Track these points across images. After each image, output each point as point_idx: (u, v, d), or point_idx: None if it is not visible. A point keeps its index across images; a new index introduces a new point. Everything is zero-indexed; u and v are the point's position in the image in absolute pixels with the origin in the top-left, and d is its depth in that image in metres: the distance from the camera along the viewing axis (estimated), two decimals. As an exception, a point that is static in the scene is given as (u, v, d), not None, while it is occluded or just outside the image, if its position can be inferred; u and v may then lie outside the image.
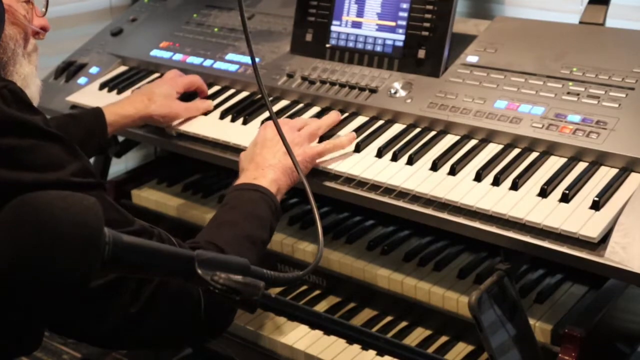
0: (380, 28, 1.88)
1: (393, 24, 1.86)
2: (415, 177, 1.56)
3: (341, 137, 1.69)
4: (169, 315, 1.25)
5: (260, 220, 1.47)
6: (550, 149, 1.57)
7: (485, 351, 1.42)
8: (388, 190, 1.57)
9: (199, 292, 1.28)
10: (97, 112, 1.84)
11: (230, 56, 2.11)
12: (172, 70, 2.04)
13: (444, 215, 1.48)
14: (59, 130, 1.71)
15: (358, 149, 1.68)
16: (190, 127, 1.90)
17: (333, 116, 1.76)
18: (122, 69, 2.26)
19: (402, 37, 1.85)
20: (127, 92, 2.10)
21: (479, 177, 1.53)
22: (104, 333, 1.22)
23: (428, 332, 1.72)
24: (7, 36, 1.28)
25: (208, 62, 2.11)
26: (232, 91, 2.02)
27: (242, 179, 1.56)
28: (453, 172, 1.55)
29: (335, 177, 1.64)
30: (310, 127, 1.69)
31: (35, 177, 1.14)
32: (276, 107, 1.90)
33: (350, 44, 1.92)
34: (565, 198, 1.43)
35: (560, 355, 1.45)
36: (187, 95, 1.99)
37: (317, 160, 1.66)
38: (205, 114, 1.94)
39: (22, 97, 1.18)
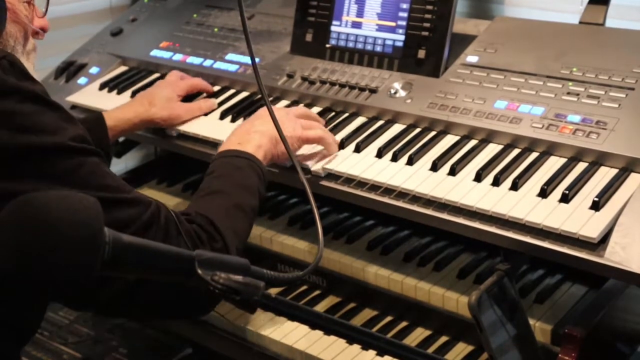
0: (380, 28, 1.88)
1: (393, 24, 1.86)
2: (415, 178, 1.56)
3: (331, 137, 1.69)
4: (168, 283, 1.25)
5: (248, 188, 1.48)
6: (550, 149, 1.57)
7: (485, 351, 1.42)
8: (388, 191, 1.57)
9: None
10: (98, 118, 1.83)
11: (230, 56, 2.11)
12: (174, 72, 2.03)
13: (444, 216, 1.48)
14: None
15: (358, 149, 1.68)
16: (191, 127, 1.90)
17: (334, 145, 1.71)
18: (122, 69, 2.26)
19: (402, 37, 1.85)
20: (127, 92, 2.11)
21: (479, 178, 1.53)
22: (103, 301, 1.23)
23: (428, 332, 1.72)
24: (7, 33, 1.30)
25: (208, 62, 2.11)
26: (232, 91, 2.02)
27: (227, 144, 1.57)
28: (453, 172, 1.55)
29: (335, 177, 1.64)
30: (312, 122, 1.69)
31: (35, 140, 1.15)
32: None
33: (350, 44, 1.92)
34: (565, 198, 1.43)
35: (560, 355, 1.45)
36: (191, 96, 1.99)
37: (316, 165, 1.65)
38: (206, 114, 1.94)
39: (21, 68, 1.20)
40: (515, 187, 1.48)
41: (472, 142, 1.65)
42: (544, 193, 1.45)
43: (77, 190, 1.16)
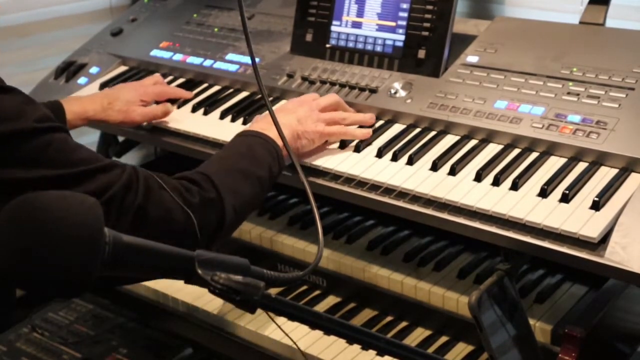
0: (380, 28, 1.88)
1: (393, 24, 1.86)
2: (415, 177, 1.56)
3: (357, 129, 1.70)
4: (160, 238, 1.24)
5: (257, 159, 1.48)
6: (550, 149, 1.57)
7: (485, 351, 1.42)
8: (388, 190, 1.57)
9: (191, 224, 1.29)
10: (57, 107, 1.81)
11: (230, 56, 2.11)
12: (155, 75, 2.04)
13: (444, 216, 1.48)
14: None
15: (358, 149, 1.68)
16: (190, 127, 1.90)
17: (367, 117, 1.75)
18: (122, 69, 2.26)
19: (402, 37, 1.85)
20: (127, 92, 2.11)
21: (479, 177, 1.53)
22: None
23: (428, 332, 1.72)
24: None
25: (208, 62, 2.11)
26: (231, 91, 2.02)
27: (250, 127, 1.58)
28: (453, 172, 1.55)
29: (335, 177, 1.64)
30: (335, 114, 1.70)
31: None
32: (276, 107, 1.90)
33: (350, 44, 1.92)
34: (565, 198, 1.43)
35: (560, 355, 1.45)
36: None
37: (320, 163, 1.65)
38: (206, 114, 1.94)
39: None
40: (515, 187, 1.48)
41: (472, 142, 1.65)
42: (544, 193, 1.45)
43: (51, 169, 1.17)
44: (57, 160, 1.20)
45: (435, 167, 1.58)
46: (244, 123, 1.86)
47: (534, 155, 1.57)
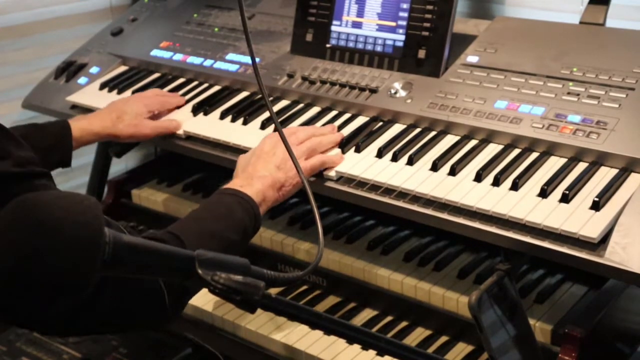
0: (381, 28, 1.88)
1: (393, 24, 1.86)
2: (416, 178, 1.56)
3: (334, 156, 1.67)
4: (127, 296, 1.20)
5: (232, 222, 1.44)
6: (550, 149, 1.57)
7: (485, 351, 1.42)
8: (388, 191, 1.57)
9: (157, 287, 1.23)
10: (64, 125, 1.80)
11: (230, 56, 2.11)
12: (154, 89, 2.04)
13: (444, 216, 1.48)
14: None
15: (358, 149, 1.68)
16: (191, 127, 1.90)
17: (337, 137, 1.72)
18: (123, 69, 2.26)
19: (402, 37, 1.85)
20: (128, 92, 2.11)
21: (479, 178, 1.53)
22: (52, 318, 1.15)
23: (428, 332, 1.72)
24: None
25: (208, 62, 2.11)
26: (232, 91, 2.02)
27: (229, 185, 1.56)
28: (453, 172, 1.55)
29: (336, 177, 1.64)
30: (310, 142, 1.66)
31: None
32: (276, 107, 1.91)
33: (351, 44, 1.92)
34: (565, 198, 1.43)
35: (560, 355, 1.45)
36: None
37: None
38: (206, 114, 1.94)
39: None
40: (515, 187, 1.48)
41: (473, 142, 1.65)
42: (544, 193, 1.45)
43: None
44: None
45: (435, 167, 1.58)
46: (244, 123, 1.86)
47: (534, 155, 1.57)
